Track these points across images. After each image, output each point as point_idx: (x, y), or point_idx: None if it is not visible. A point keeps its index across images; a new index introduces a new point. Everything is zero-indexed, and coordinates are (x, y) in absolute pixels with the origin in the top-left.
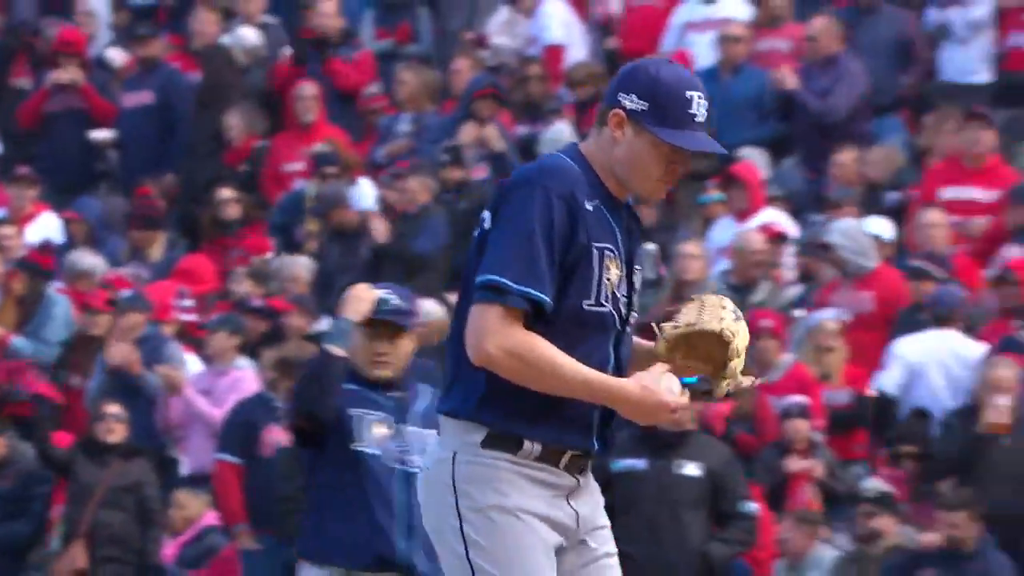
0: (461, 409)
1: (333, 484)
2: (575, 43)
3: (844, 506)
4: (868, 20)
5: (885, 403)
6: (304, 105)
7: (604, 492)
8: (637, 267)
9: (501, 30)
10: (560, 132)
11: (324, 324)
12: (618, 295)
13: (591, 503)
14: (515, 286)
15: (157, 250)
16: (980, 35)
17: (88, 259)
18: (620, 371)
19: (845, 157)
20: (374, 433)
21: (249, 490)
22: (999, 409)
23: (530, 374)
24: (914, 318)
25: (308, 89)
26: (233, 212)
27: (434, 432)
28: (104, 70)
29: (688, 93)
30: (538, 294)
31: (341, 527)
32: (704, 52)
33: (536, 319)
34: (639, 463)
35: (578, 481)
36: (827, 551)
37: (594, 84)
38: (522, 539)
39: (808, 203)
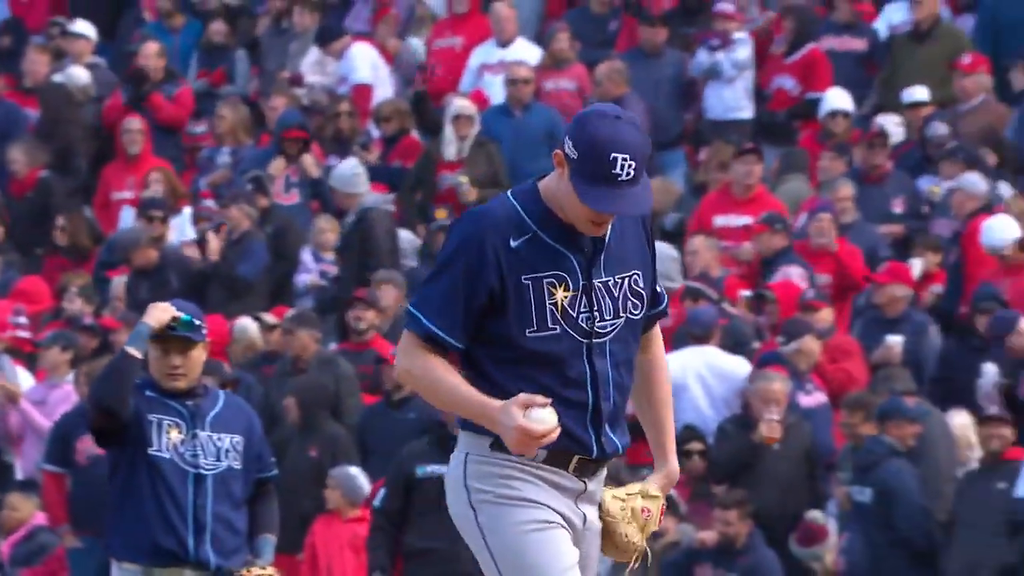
0: (468, 421)
1: (130, 485)
2: (382, 83)
3: None
4: (653, 62)
5: None
6: (130, 138)
7: (408, 495)
8: (617, 277)
9: (312, 70)
10: (351, 167)
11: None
12: (572, 313)
13: (595, 508)
14: (419, 316)
15: None
16: (743, 74)
17: None
18: (598, 382)
19: None
20: (169, 437)
21: (73, 495)
22: (772, 421)
23: (423, 391)
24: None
25: (134, 123)
26: (62, 239)
27: (228, 435)
28: None
29: (613, 154)
30: (430, 325)
31: (136, 526)
32: (498, 92)
33: (503, 348)
34: (440, 468)
35: (585, 485)
36: None
37: (400, 120)
38: (530, 517)
39: None
